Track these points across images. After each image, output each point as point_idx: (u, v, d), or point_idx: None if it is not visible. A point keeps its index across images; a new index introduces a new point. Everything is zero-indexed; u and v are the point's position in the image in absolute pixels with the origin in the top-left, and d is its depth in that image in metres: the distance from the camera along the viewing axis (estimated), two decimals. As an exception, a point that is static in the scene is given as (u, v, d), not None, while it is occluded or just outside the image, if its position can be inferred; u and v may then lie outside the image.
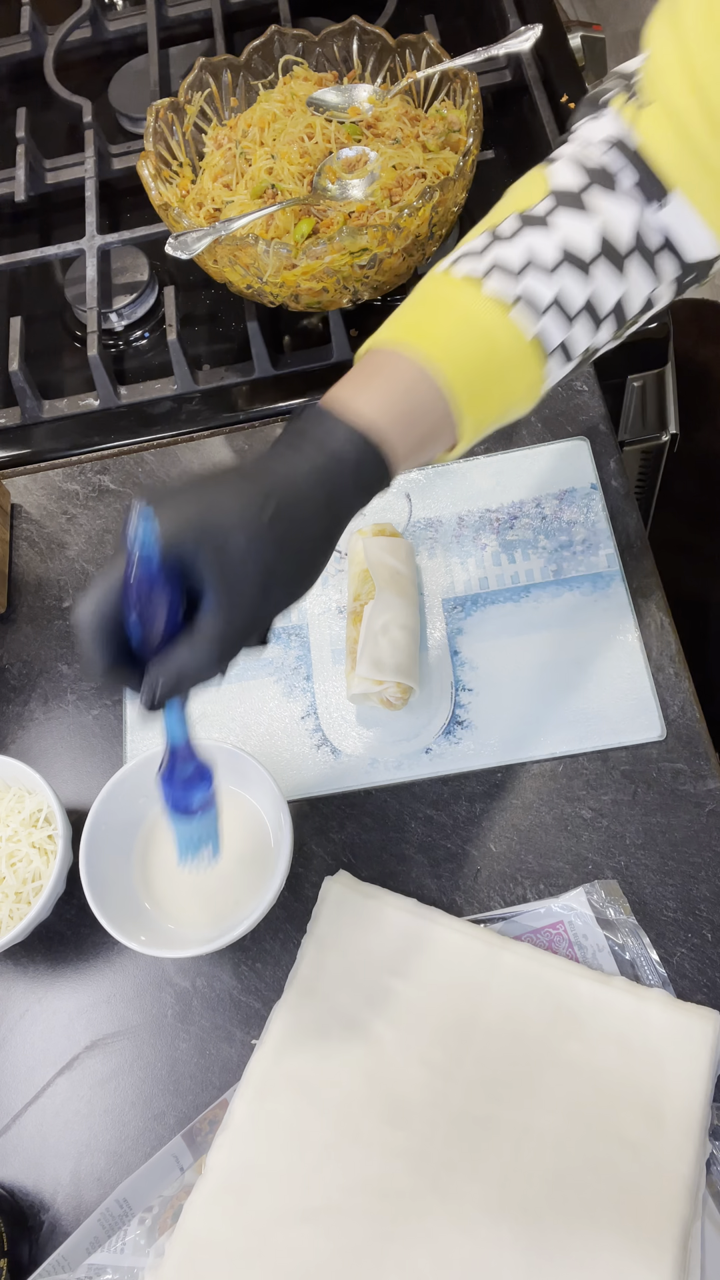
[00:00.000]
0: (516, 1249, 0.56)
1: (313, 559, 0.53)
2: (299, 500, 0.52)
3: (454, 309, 0.58)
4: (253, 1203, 0.58)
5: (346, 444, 0.54)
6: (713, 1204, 0.58)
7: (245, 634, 0.52)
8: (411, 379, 0.56)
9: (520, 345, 0.58)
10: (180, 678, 0.51)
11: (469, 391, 0.57)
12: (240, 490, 0.52)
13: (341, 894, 0.68)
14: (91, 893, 0.64)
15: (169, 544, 0.49)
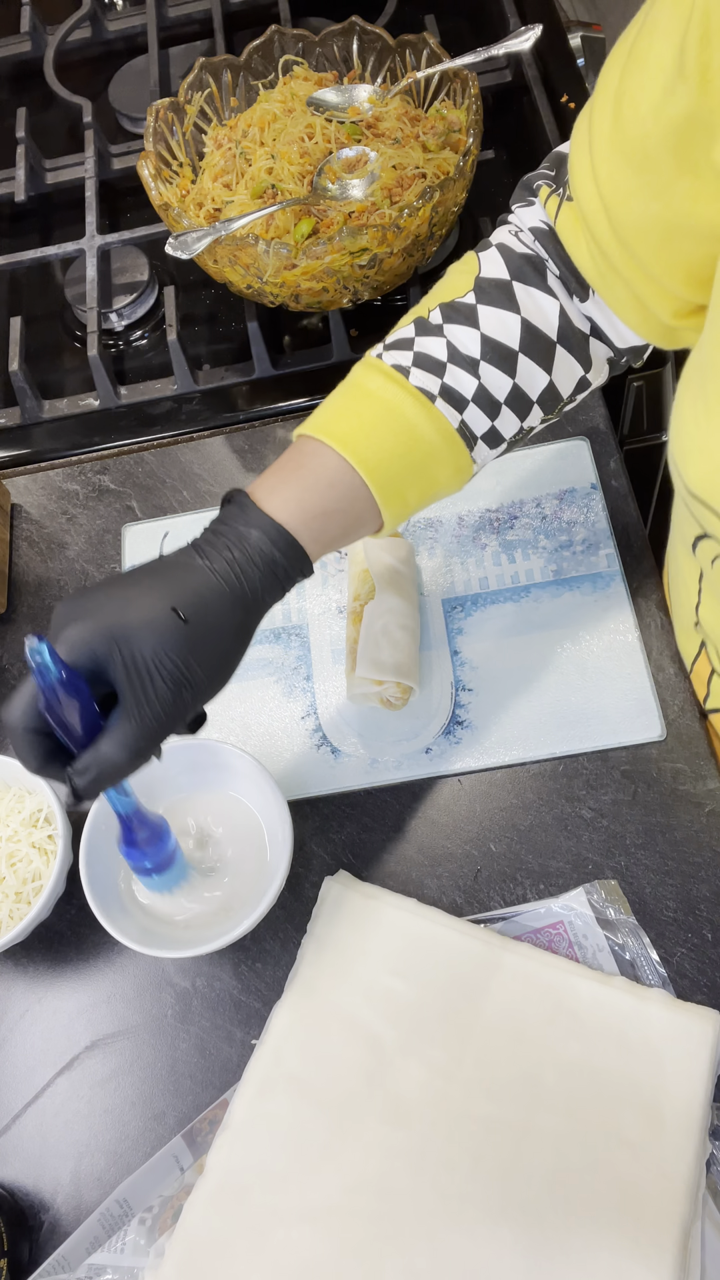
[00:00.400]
0: (516, 1249, 0.56)
1: (225, 655, 0.54)
2: (210, 599, 0.54)
3: (379, 402, 0.60)
4: (253, 1203, 0.58)
5: (263, 539, 0.55)
6: (713, 1204, 0.58)
7: (160, 732, 0.53)
8: (333, 474, 0.58)
9: (445, 435, 0.60)
10: (98, 776, 0.52)
11: (391, 483, 0.59)
12: (150, 592, 0.53)
13: (341, 894, 0.68)
14: (91, 893, 0.64)
15: (81, 650, 0.51)
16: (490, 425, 0.62)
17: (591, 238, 0.58)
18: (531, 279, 0.62)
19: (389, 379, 0.60)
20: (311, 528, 0.57)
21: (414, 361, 0.60)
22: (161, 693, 0.52)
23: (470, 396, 0.61)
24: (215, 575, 0.54)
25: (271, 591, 0.56)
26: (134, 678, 0.51)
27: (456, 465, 0.62)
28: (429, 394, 0.60)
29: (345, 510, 0.58)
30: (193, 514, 0.86)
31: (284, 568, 0.56)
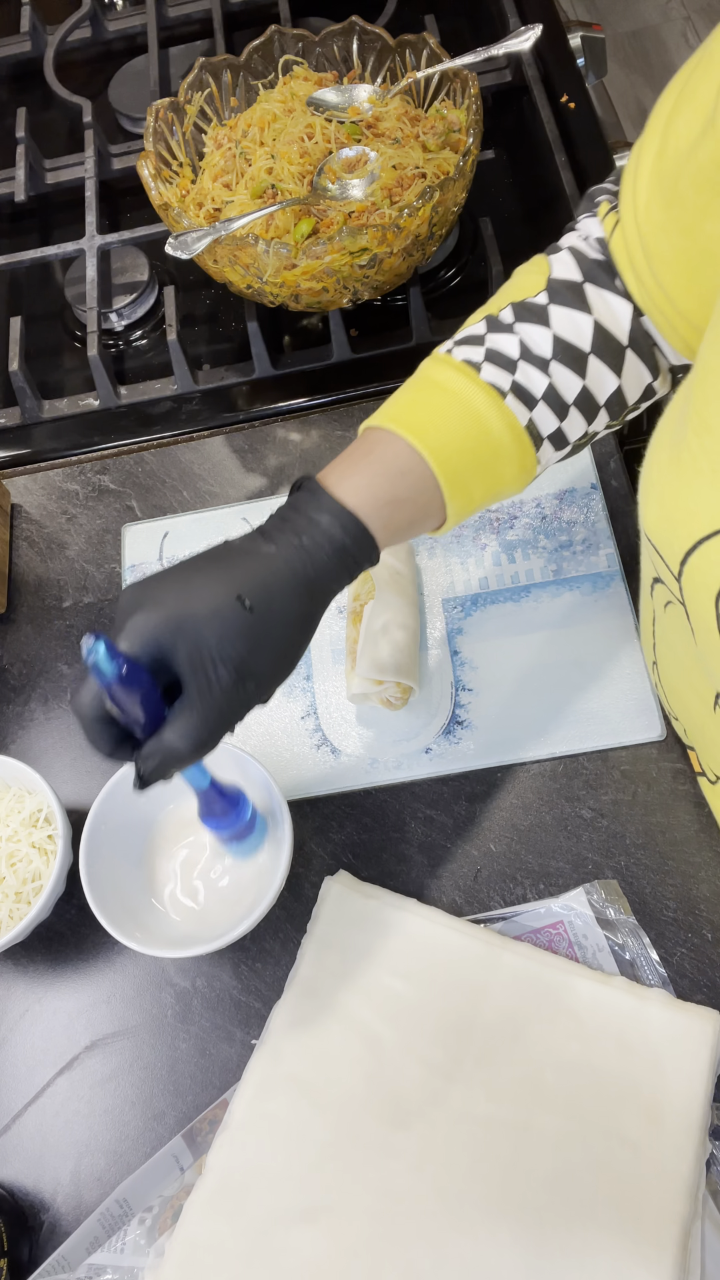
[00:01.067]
0: (516, 1249, 0.56)
1: (290, 645, 0.54)
2: (276, 587, 0.53)
3: (450, 394, 0.59)
4: (253, 1203, 0.58)
5: (334, 525, 0.54)
6: (713, 1204, 0.58)
7: (222, 723, 0.52)
8: (404, 463, 0.57)
9: (514, 432, 0.59)
10: (161, 764, 0.52)
11: (459, 476, 0.58)
12: (215, 580, 0.53)
13: (341, 894, 0.68)
14: (91, 893, 0.64)
15: (145, 641, 0.51)
16: (558, 426, 0.61)
17: (632, 263, 0.59)
18: (604, 282, 0.61)
19: (460, 372, 0.59)
20: (381, 515, 0.56)
21: (485, 357, 0.60)
22: (225, 683, 0.51)
23: (540, 395, 0.60)
24: (282, 562, 0.53)
25: (339, 579, 0.55)
26: (198, 668, 0.51)
27: (522, 464, 0.61)
28: (500, 390, 0.59)
29: (414, 500, 0.58)
30: (193, 514, 0.86)
31: (353, 555, 0.55)
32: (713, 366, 0.47)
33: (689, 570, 0.50)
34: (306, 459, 0.87)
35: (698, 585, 0.50)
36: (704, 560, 0.48)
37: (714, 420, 0.46)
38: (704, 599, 0.50)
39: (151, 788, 0.54)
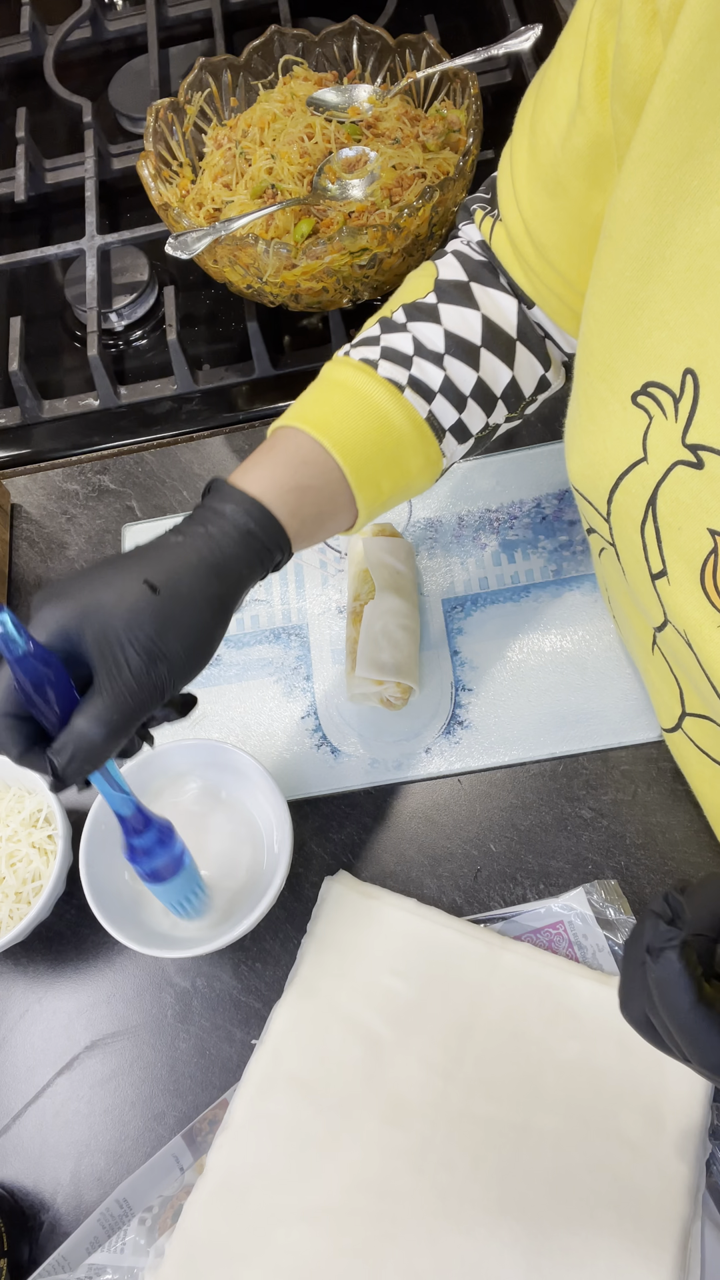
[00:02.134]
0: (516, 1249, 0.56)
1: (201, 629, 0.53)
2: (182, 571, 0.53)
3: (349, 390, 0.61)
4: (253, 1203, 0.58)
5: (237, 512, 0.55)
6: (713, 1204, 0.58)
7: (135, 707, 0.51)
8: (305, 453, 0.59)
9: (414, 424, 0.62)
10: (75, 754, 0.51)
11: (363, 465, 0.60)
12: (122, 570, 0.53)
13: (341, 894, 0.68)
14: (91, 893, 0.64)
15: (54, 630, 0.51)
16: (457, 418, 0.63)
17: (520, 256, 0.62)
18: (488, 280, 0.64)
19: (358, 370, 0.62)
20: (286, 501, 0.57)
21: (381, 355, 0.62)
22: (135, 664, 0.51)
23: (437, 388, 0.62)
24: (188, 549, 0.54)
25: (250, 565, 0.56)
26: (105, 650, 0.51)
27: (427, 455, 0.63)
28: (398, 384, 0.61)
29: (319, 489, 0.59)
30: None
31: (259, 539, 0.56)
32: (598, 313, 0.50)
33: (615, 510, 0.53)
34: (306, 459, 0.87)
35: (624, 520, 0.53)
36: (625, 496, 0.51)
37: (615, 360, 0.49)
38: (630, 532, 0.52)
39: (69, 789, 0.53)
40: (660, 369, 0.47)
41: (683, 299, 0.46)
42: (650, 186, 0.47)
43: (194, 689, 0.77)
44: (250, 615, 0.80)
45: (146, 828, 0.60)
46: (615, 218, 0.50)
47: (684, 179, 0.45)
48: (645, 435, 0.49)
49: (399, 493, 0.64)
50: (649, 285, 0.47)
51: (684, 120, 0.44)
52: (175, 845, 0.61)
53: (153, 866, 0.60)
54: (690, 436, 0.46)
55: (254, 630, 0.80)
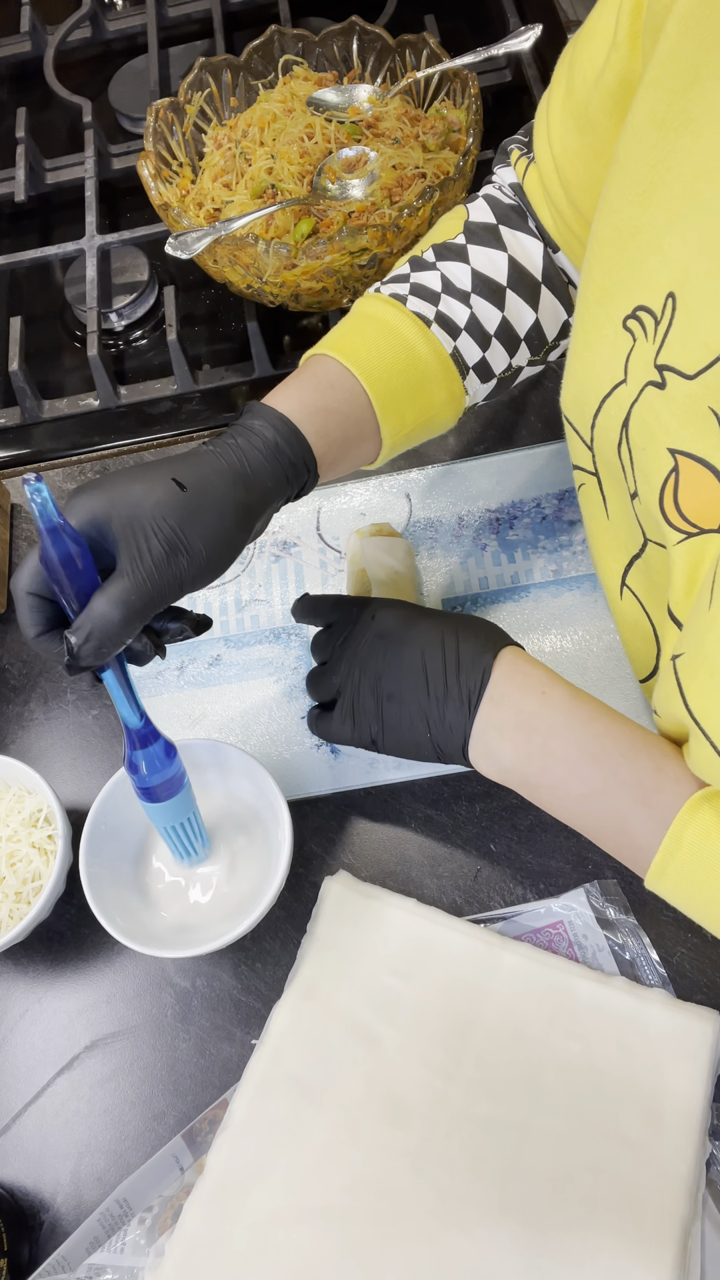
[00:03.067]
0: (516, 1249, 0.56)
1: (224, 532, 0.55)
2: (209, 474, 0.55)
3: (378, 322, 0.64)
4: (253, 1203, 0.58)
5: (265, 427, 0.58)
6: (713, 1204, 0.58)
7: (154, 594, 0.53)
8: (334, 378, 0.61)
9: (439, 358, 0.64)
10: (91, 635, 0.52)
11: (389, 392, 0.62)
12: (153, 470, 0.55)
13: (341, 894, 0.68)
14: (91, 893, 0.64)
15: (83, 515, 0.53)
16: (481, 356, 0.65)
17: (549, 197, 0.64)
18: (517, 224, 0.66)
19: (388, 304, 0.64)
20: (314, 421, 0.59)
21: (410, 291, 0.65)
22: (156, 552, 0.52)
23: (463, 325, 0.64)
24: (217, 456, 0.56)
25: (275, 478, 0.57)
26: (129, 536, 0.53)
27: (450, 390, 0.65)
28: (425, 319, 0.64)
29: (346, 413, 0.61)
30: None
31: (286, 455, 0.58)
32: (601, 237, 0.52)
33: (598, 434, 0.55)
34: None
35: (605, 445, 0.55)
36: (605, 418, 0.54)
37: (613, 284, 0.51)
38: (610, 456, 0.54)
39: (84, 673, 0.54)
40: (649, 292, 0.49)
41: (677, 224, 0.47)
42: (656, 111, 0.48)
43: (195, 688, 0.78)
44: (250, 615, 0.80)
45: (152, 741, 0.60)
46: (624, 143, 0.51)
47: (687, 105, 0.46)
48: (628, 358, 0.51)
49: (422, 425, 0.65)
50: (648, 210, 0.48)
51: (692, 45, 0.45)
52: (176, 764, 0.62)
53: (152, 783, 0.61)
54: (660, 357, 0.48)
55: (254, 630, 0.80)
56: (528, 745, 0.58)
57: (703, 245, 0.45)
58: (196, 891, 0.69)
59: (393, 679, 0.62)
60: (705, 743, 0.49)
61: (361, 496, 0.84)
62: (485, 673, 0.60)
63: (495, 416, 0.86)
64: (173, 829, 0.64)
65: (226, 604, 0.81)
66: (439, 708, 0.60)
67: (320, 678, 0.67)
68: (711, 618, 0.47)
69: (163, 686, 0.79)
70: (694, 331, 0.46)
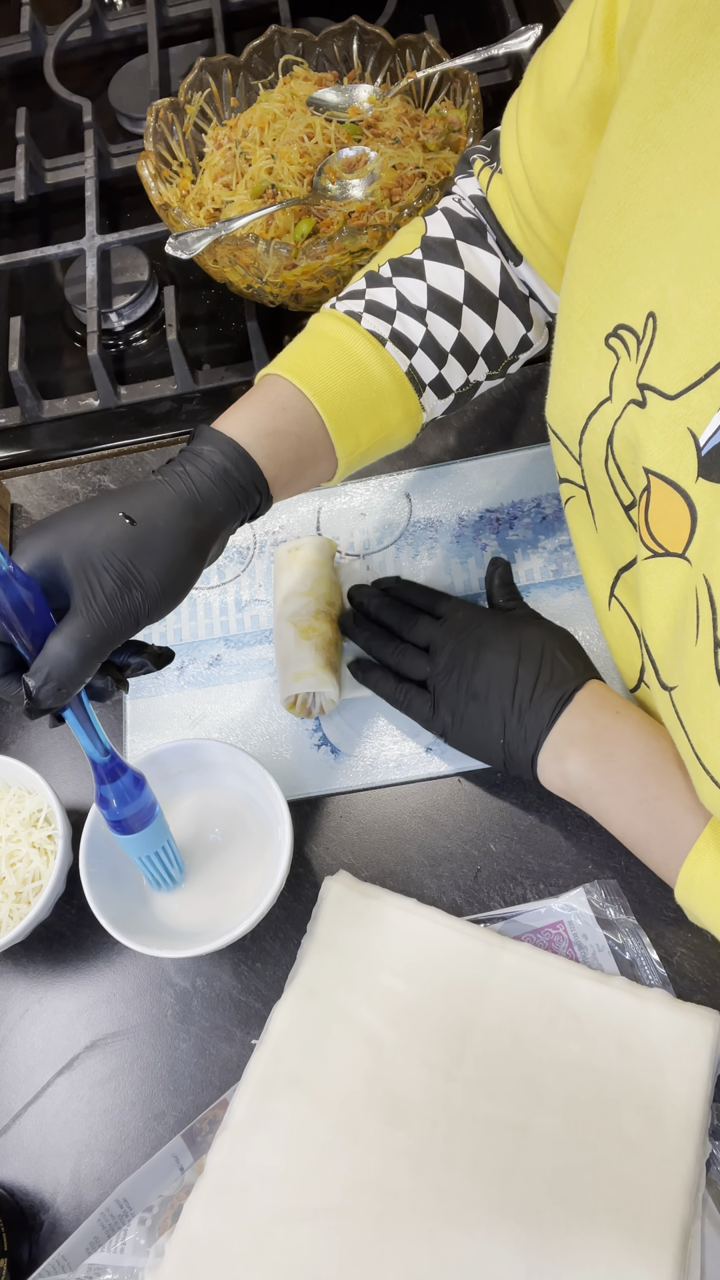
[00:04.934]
0: (516, 1249, 0.56)
1: (176, 561, 0.54)
2: (158, 505, 0.55)
3: (332, 341, 0.63)
4: (253, 1203, 0.58)
5: (214, 452, 0.57)
6: (713, 1204, 0.58)
7: (109, 631, 0.53)
8: (284, 400, 0.61)
9: (394, 376, 0.64)
10: (49, 677, 0.52)
11: (342, 413, 0.62)
12: (101, 505, 0.55)
13: (341, 894, 0.68)
14: (91, 893, 0.64)
15: (34, 558, 0.53)
16: (438, 373, 0.65)
17: (517, 206, 0.63)
18: (474, 239, 0.66)
19: (342, 322, 0.64)
20: (264, 444, 0.59)
21: (365, 309, 0.64)
22: (109, 588, 0.52)
23: (419, 343, 0.64)
24: (165, 485, 0.56)
25: (226, 503, 0.57)
26: (81, 575, 0.52)
27: (406, 409, 0.65)
28: (380, 337, 0.63)
29: (298, 434, 0.60)
30: None
31: (235, 479, 0.57)
32: (580, 256, 0.52)
33: (585, 449, 0.55)
34: (306, 459, 0.87)
35: (593, 460, 0.55)
36: (592, 435, 0.54)
37: (594, 303, 0.51)
38: (598, 470, 0.55)
39: (44, 717, 0.54)
40: (629, 311, 0.49)
41: (652, 244, 0.47)
42: (629, 133, 0.48)
43: (195, 688, 0.78)
44: (251, 615, 0.80)
45: (120, 774, 0.60)
46: (599, 163, 0.51)
47: (657, 128, 0.47)
48: (612, 375, 0.51)
49: (378, 444, 0.65)
50: (624, 230, 0.49)
51: (661, 68, 0.46)
52: (146, 795, 0.62)
53: (123, 814, 0.61)
54: (642, 377, 0.49)
55: (254, 630, 0.80)
56: (596, 753, 0.61)
57: (680, 266, 0.46)
58: (196, 891, 0.69)
59: (484, 679, 0.64)
60: (706, 777, 0.50)
61: (362, 496, 0.84)
62: (569, 692, 0.62)
63: (495, 416, 0.86)
64: (147, 859, 0.64)
65: (226, 604, 0.81)
66: (519, 714, 0.63)
67: (416, 658, 0.69)
68: (699, 654, 0.47)
69: (163, 687, 0.79)
70: (674, 351, 0.47)
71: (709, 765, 0.49)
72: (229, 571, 0.83)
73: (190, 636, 0.80)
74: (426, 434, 0.85)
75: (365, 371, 0.62)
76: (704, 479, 0.46)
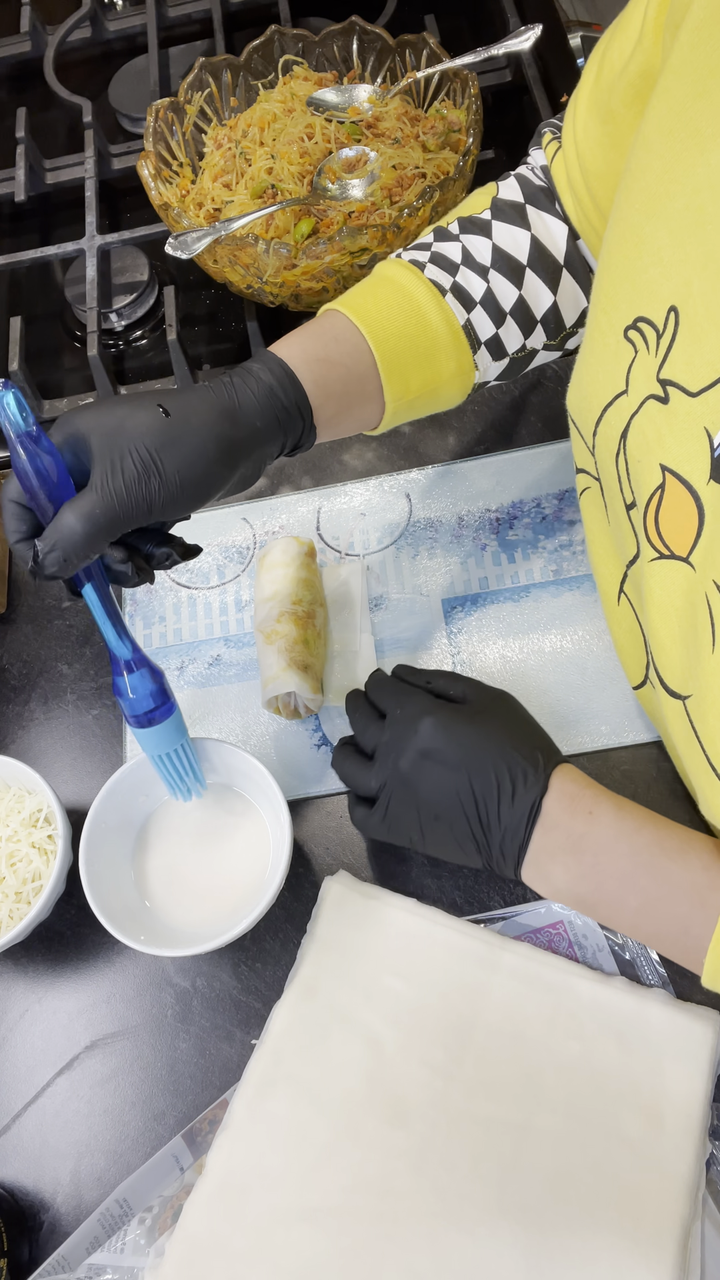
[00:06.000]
0: (516, 1249, 0.56)
1: (203, 461, 0.55)
2: (198, 406, 0.55)
3: (393, 285, 0.63)
4: (253, 1203, 0.58)
5: (262, 369, 0.58)
6: (713, 1204, 0.58)
7: (122, 514, 0.53)
8: (339, 331, 0.61)
9: (451, 328, 0.63)
10: (55, 545, 0.53)
11: (395, 354, 0.62)
12: (142, 396, 0.56)
13: (341, 894, 0.68)
14: (91, 893, 0.64)
15: (65, 434, 0.54)
16: (494, 332, 0.65)
17: (571, 185, 0.64)
18: (543, 204, 0.66)
19: (404, 268, 0.64)
20: (313, 370, 0.59)
21: (430, 259, 0.64)
22: (129, 473, 0.53)
23: (479, 299, 0.64)
24: (208, 391, 0.57)
25: (266, 419, 0.57)
26: (105, 454, 0.53)
27: (459, 362, 0.64)
28: (441, 287, 0.63)
29: (349, 367, 0.60)
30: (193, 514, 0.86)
31: (279, 398, 0.57)
32: (609, 243, 0.52)
33: (599, 440, 0.55)
34: (307, 458, 0.87)
35: (605, 452, 0.55)
36: (606, 427, 0.54)
37: (616, 293, 0.51)
38: (610, 463, 0.54)
39: (52, 580, 0.55)
40: (650, 304, 0.49)
41: (678, 237, 0.47)
42: (665, 122, 0.48)
43: (195, 688, 0.78)
44: (250, 615, 0.80)
45: (138, 666, 0.61)
46: (635, 151, 0.51)
47: (693, 118, 0.46)
48: (630, 368, 0.51)
49: (427, 395, 0.65)
50: (652, 220, 0.48)
51: (700, 57, 0.45)
52: (165, 690, 0.63)
53: (140, 708, 0.62)
54: (663, 372, 0.48)
55: (254, 630, 0.80)
56: (580, 866, 0.57)
57: (706, 261, 0.45)
58: (197, 891, 0.69)
59: (439, 802, 0.59)
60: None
61: (362, 496, 0.84)
62: (535, 804, 0.57)
63: (495, 416, 0.86)
64: (165, 758, 0.65)
65: (226, 604, 0.81)
66: (488, 835, 0.58)
67: (359, 771, 0.63)
68: (716, 662, 0.46)
69: (163, 686, 0.79)
70: (699, 348, 0.46)
71: None
72: (229, 571, 0.83)
73: (190, 636, 0.80)
74: (426, 434, 0.85)
75: (422, 318, 0.62)
76: (715, 481, 0.46)
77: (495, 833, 0.58)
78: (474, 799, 0.58)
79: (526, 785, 0.57)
